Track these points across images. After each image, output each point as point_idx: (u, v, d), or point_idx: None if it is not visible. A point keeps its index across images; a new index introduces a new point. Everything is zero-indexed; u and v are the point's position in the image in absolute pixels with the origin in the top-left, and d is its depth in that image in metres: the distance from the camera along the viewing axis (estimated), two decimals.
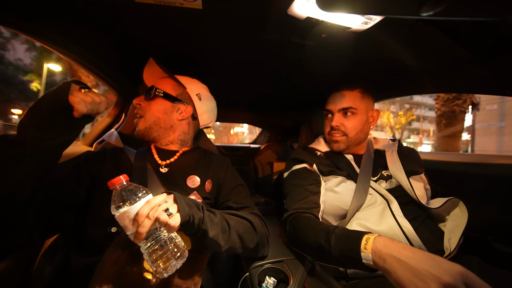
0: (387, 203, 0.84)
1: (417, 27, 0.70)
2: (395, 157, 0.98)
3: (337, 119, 0.98)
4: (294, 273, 0.75)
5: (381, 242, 0.55)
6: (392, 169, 0.95)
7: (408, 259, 0.48)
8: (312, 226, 0.76)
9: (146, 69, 0.89)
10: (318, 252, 0.70)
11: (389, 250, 0.52)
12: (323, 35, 0.75)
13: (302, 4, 0.59)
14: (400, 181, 0.91)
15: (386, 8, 0.47)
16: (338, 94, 1.00)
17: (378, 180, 0.94)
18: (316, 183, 0.93)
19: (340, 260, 0.63)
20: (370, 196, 0.86)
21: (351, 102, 0.96)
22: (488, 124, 13.84)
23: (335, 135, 0.99)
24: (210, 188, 0.84)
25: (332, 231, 0.68)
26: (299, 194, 0.90)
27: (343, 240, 0.64)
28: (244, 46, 0.89)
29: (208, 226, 0.58)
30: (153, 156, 0.83)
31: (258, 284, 0.72)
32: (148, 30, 0.80)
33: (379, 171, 0.97)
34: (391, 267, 0.49)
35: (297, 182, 0.95)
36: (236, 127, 34.15)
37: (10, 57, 10.46)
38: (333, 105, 1.00)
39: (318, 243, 0.68)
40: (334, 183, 0.91)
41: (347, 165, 0.96)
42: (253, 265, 0.77)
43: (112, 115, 1.37)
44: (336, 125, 0.97)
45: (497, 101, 13.44)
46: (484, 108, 13.97)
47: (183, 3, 0.62)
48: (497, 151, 12.93)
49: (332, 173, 0.95)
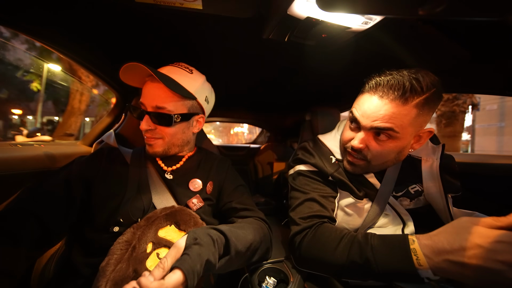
0: (403, 225, 0.72)
1: (417, 27, 0.70)
2: (434, 172, 0.73)
3: (365, 138, 0.67)
4: (294, 273, 0.75)
5: (427, 247, 0.49)
6: (428, 188, 0.74)
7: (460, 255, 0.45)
8: (333, 240, 0.62)
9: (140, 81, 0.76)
10: (352, 271, 0.58)
11: (440, 254, 0.48)
12: (323, 35, 0.75)
13: (302, 4, 0.59)
14: (435, 205, 0.74)
15: (386, 8, 0.47)
16: (378, 102, 0.63)
17: (402, 197, 0.76)
18: (332, 193, 0.76)
19: (387, 277, 0.53)
20: (385, 215, 0.74)
21: (396, 122, 0.62)
22: (488, 124, 13.83)
23: (353, 157, 0.73)
24: (211, 189, 0.84)
25: (364, 241, 0.57)
26: (312, 203, 0.74)
27: (385, 252, 0.53)
28: (244, 46, 0.89)
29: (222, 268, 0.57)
30: (156, 161, 0.82)
31: (258, 284, 0.72)
32: (148, 30, 0.80)
33: (405, 185, 0.77)
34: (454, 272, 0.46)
35: (310, 186, 0.77)
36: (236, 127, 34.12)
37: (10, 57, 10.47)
38: (366, 117, 0.66)
39: (351, 261, 0.56)
40: (345, 203, 0.76)
41: (364, 183, 0.76)
42: (253, 265, 0.77)
43: (112, 115, 1.37)
44: (359, 148, 0.68)
45: (497, 101, 13.43)
46: (484, 108, 13.96)
47: (183, 3, 0.62)
48: (497, 151, 12.92)
49: (348, 190, 0.76)
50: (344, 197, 0.77)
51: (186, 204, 0.76)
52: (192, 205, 0.77)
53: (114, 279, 0.53)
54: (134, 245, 0.59)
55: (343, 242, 0.61)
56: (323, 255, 0.63)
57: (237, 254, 0.59)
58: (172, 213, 0.67)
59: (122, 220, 0.65)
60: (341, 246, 0.60)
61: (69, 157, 1.00)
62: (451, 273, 0.47)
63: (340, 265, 0.59)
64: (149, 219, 0.64)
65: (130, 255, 0.57)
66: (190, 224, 0.67)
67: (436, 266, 0.48)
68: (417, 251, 0.50)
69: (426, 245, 0.50)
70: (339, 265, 0.59)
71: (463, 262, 0.44)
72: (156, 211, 0.67)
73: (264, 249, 0.74)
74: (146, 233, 0.61)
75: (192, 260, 0.48)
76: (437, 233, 0.51)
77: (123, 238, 0.60)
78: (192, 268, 0.47)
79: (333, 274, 0.63)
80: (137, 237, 0.60)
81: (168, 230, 0.65)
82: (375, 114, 0.64)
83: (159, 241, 0.62)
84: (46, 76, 8.67)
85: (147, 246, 0.60)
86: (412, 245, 0.51)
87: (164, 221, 0.65)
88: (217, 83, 0.92)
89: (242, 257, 0.63)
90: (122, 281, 0.54)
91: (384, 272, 0.53)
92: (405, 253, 0.51)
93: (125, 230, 0.63)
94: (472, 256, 0.44)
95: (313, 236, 0.67)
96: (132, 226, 0.63)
